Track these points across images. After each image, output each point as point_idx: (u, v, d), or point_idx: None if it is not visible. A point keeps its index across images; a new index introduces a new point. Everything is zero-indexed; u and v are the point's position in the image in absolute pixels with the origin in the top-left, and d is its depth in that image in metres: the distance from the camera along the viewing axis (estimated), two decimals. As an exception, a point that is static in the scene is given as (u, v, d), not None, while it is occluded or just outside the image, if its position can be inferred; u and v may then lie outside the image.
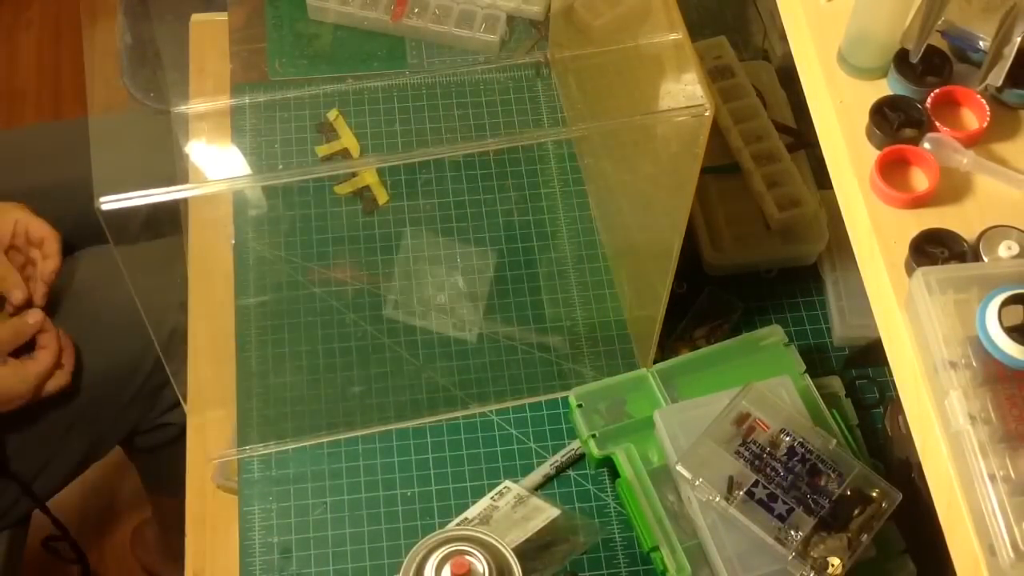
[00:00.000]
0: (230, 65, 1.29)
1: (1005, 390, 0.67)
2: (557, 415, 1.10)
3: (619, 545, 1.04)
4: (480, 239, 1.19)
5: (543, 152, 1.25)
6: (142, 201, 0.76)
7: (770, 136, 1.19)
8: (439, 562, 0.82)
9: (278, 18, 1.33)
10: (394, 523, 1.05)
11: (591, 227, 1.21)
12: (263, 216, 1.20)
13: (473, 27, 1.30)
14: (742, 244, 1.17)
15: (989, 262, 0.73)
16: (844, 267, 1.16)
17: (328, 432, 1.09)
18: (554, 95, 1.29)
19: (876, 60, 0.80)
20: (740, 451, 0.94)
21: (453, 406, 1.10)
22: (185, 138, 1.25)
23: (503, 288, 1.16)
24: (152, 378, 1.32)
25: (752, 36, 1.34)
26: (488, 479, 1.07)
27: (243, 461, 1.08)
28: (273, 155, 1.23)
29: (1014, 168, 0.77)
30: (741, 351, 1.08)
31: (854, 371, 1.13)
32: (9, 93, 2.31)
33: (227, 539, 1.05)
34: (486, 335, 1.13)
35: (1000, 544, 0.63)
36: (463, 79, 1.29)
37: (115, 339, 1.29)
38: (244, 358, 1.13)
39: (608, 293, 1.17)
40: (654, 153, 0.97)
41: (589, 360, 1.13)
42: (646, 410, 1.04)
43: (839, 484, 0.93)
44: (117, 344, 1.29)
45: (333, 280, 1.17)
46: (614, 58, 1.10)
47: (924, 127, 0.78)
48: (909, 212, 0.75)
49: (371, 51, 1.31)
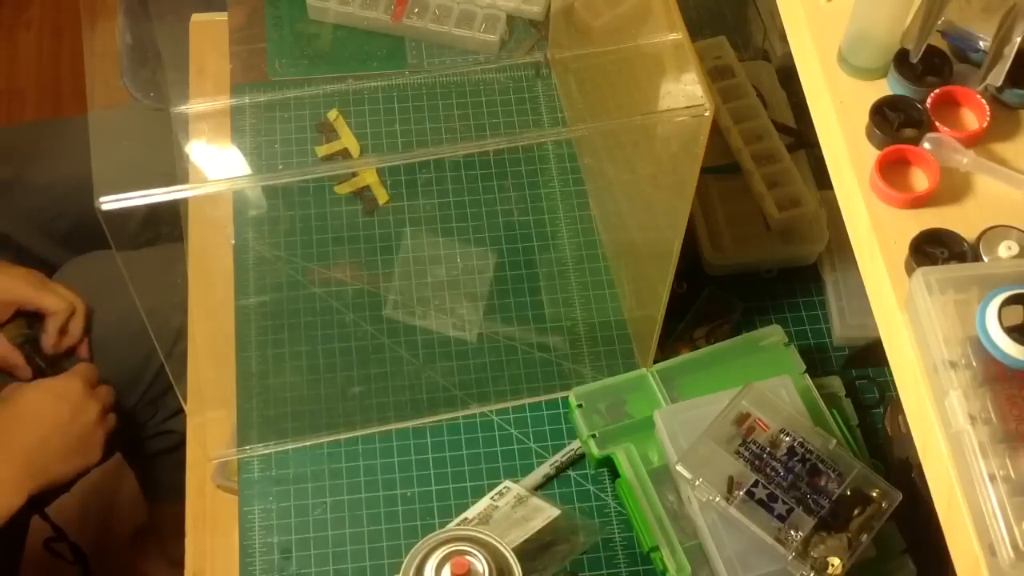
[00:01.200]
0: (230, 65, 1.29)
1: (1005, 390, 0.67)
2: (557, 415, 1.10)
3: (619, 545, 1.04)
4: (480, 239, 1.19)
5: (543, 152, 1.25)
6: (142, 201, 0.76)
7: (770, 136, 1.19)
8: (439, 562, 0.82)
9: (278, 18, 1.33)
10: (394, 523, 1.05)
11: (591, 227, 1.21)
12: (263, 216, 1.20)
13: (473, 27, 1.30)
14: (742, 244, 1.17)
15: (989, 262, 0.73)
16: (844, 267, 1.16)
17: (328, 432, 1.09)
18: (554, 95, 1.29)
19: (876, 60, 0.80)
20: (740, 451, 0.94)
21: (453, 406, 1.10)
22: (185, 138, 1.25)
23: (503, 288, 1.16)
24: (155, 385, 1.32)
25: (752, 36, 1.34)
26: (488, 479, 1.07)
27: (243, 461, 1.08)
28: (273, 155, 1.23)
29: (1014, 168, 0.77)
30: (741, 351, 1.08)
31: (854, 371, 1.13)
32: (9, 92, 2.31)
33: (227, 539, 1.05)
34: (486, 335, 1.13)
35: (1000, 544, 0.63)
36: (463, 79, 1.29)
37: (118, 347, 1.29)
38: (244, 358, 1.13)
39: (608, 293, 1.17)
40: (654, 153, 0.97)
41: (589, 360, 1.13)
42: (646, 410, 1.04)
43: (839, 484, 0.93)
44: (120, 351, 1.29)
45: (333, 280, 1.17)
46: (614, 58, 1.10)
47: (924, 127, 0.78)
48: (909, 212, 0.75)
49: (371, 51, 1.31)
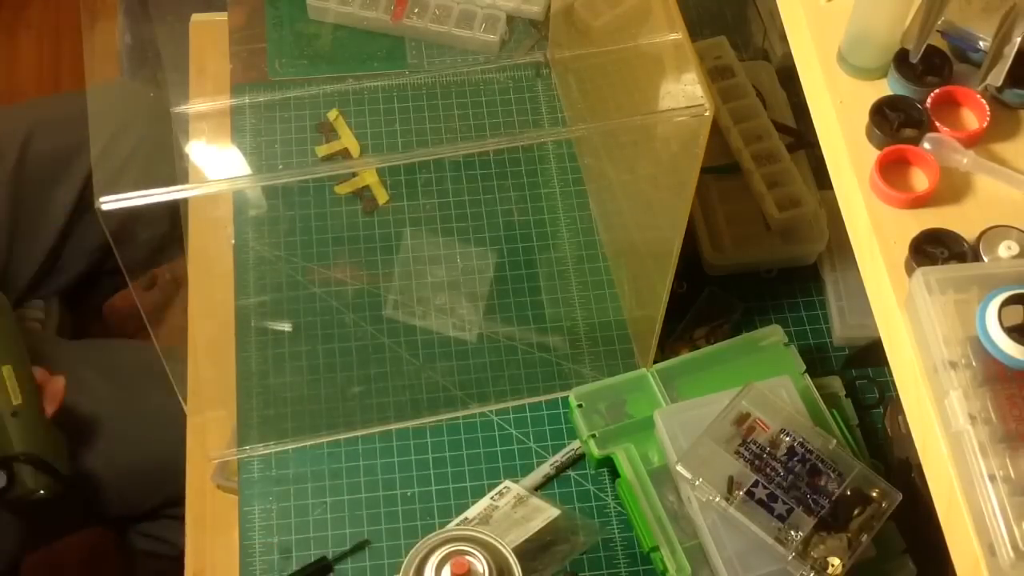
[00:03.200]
0: (230, 65, 1.29)
1: (1005, 390, 0.67)
2: (557, 415, 1.10)
3: (619, 545, 1.04)
4: (480, 239, 1.19)
5: (543, 152, 1.25)
6: (142, 201, 0.76)
7: (770, 136, 1.19)
8: (439, 562, 0.82)
9: (278, 18, 1.33)
10: (394, 523, 1.05)
11: (591, 227, 1.21)
12: (263, 216, 1.20)
13: (473, 27, 1.30)
14: (742, 244, 1.17)
15: (989, 262, 0.73)
16: (844, 267, 1.16)
17: (328, 432, 1.09)
18: (554, 95, 1.29)
19: (876, 60, 0.80)
20: (740, 451, 0.94)
21: (453, 406, 1.10)
22: (185, 138, 1.25)
23: (503, 288, 1.16)
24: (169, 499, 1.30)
25: (752, 36, 1.34)
26: (488, 479, 1.07)
27: (243, 461, 1.08)
28: (273, 155, 1.23)
29: (1014, 168, 0.77)
30: (741, 351, 1.08)
31: (854, 371, 1.13)
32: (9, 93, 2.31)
33: (227, 539, 1.05)
34: (486, 335, 1.13)
35: (1000, 544, 0.63)
36: (463, 79, 1.29)
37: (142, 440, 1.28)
38: (244, 358, 1.12)
39: (608, 293, 1.17)
40: (654, 153, 0.97)
41: (589, 360, 1.13)
42: (646, 410, 1.04)
43: (839, 484, 0.93)
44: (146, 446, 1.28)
45: (333, 280, 1.17)
46: (614, 58, 1.10)
47: (924, 127, 0.78)
48: (909, 212, 0.75)
49: (371, 51, 1.31)
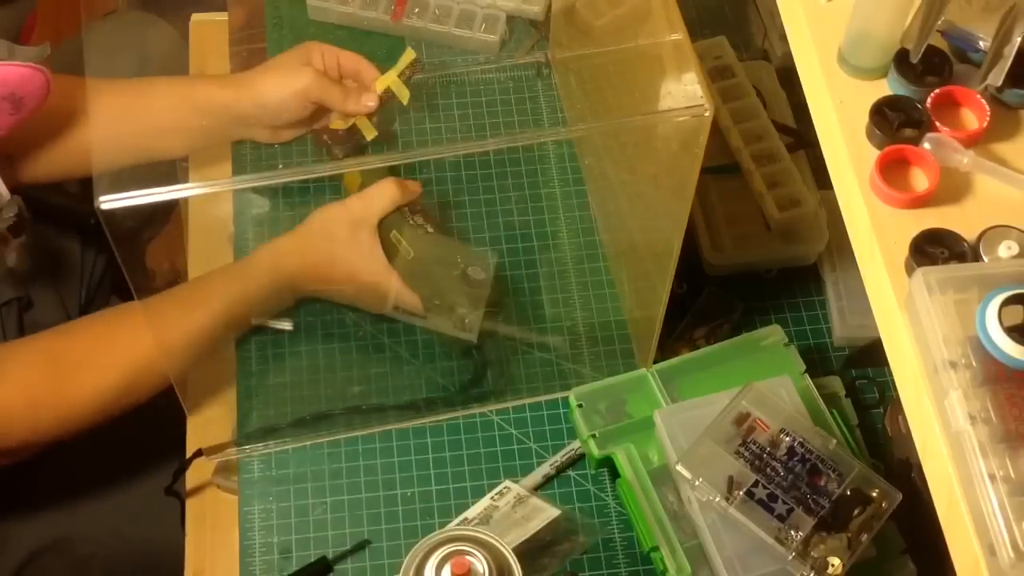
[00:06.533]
0: (230, 65, 1.29)
1: (1005, 390, 0.67)
2: (557, 415, 1.10)
3: (619, 545, 1.04)
4: (480, 239, 1.19)
5: (543, 152, 1.25)
6: (142, 200, 0.76)
7: (770, 136, 1.19)
8: (439, 562, 0.82)
9: (278, 18, 1.33)
10: (394, 523, 1.05)
11: (591, 227, 1.21)
12: (263, 216, 1.20)
13: (473, 27, 1.30)
14: (742, 244, 1.17)
15: (989, 262, 0.73)
16: (844, 267, 1.16)
17: (328, 432, 1.09)
18: (554, 95, 1.29)
19: (876, 60, 0.80)
20: (740, 451, 0.94)
21: (453, 406, 1.10)
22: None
23: (503, 288, 1.16)
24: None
25: (752, 36, 1.34)
26: (488, 479, 1.07)
27: (243, 461, 1.08)
28: (273, 155, 1.23)
29: (1014, 168, 0.77)
30: (741, 351, 1.08)
31: (854, 371, 1.13)
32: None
33: (227, 539, 1.05)
34: (486, 335, 1.13)
35: (1000, 544, 0.63)
36: (463, 79, 1.29)
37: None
38: (244, 358, 1.13)
39: (608, 293, 1.17)
40: (654, 153, 0.97)
41: (589, 360, 1.13)
42: (646, 410, 1.04)
43: (839, 484, 0.93)
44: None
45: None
46: (614, 58, 1.10)
47: (924, 127, 0.78)
48: (909, 212, 0.75)
49: (371, 51, 1.31)
